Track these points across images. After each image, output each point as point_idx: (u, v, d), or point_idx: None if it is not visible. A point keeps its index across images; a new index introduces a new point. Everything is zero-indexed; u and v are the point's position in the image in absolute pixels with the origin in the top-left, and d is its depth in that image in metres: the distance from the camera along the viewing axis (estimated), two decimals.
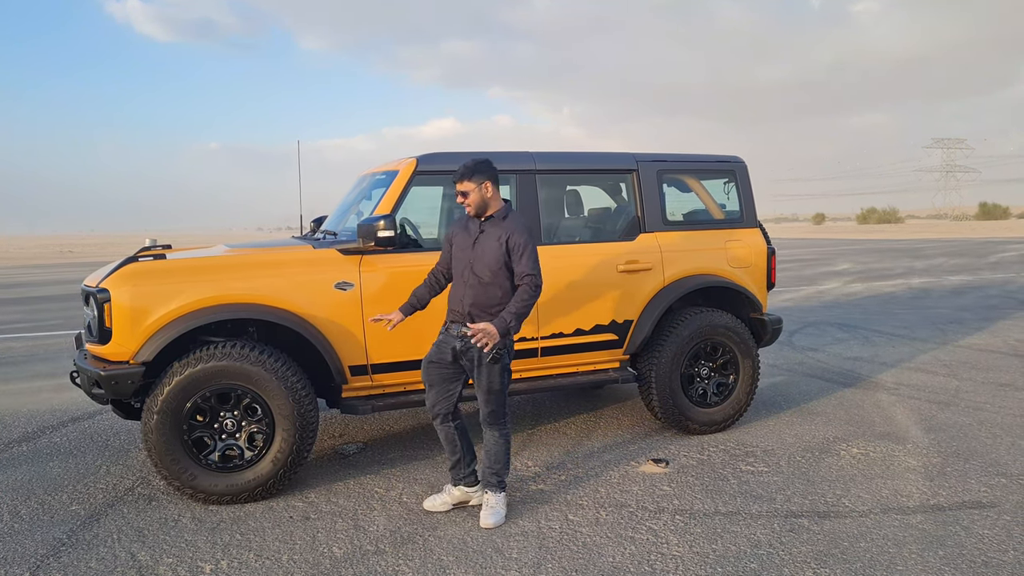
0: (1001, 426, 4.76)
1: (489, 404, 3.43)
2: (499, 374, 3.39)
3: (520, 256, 3.34)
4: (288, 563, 3.04)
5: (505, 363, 3.41)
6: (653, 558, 3.04)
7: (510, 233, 3.36)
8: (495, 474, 3.48)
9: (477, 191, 3.37)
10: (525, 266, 3.34)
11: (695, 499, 3.66)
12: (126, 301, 3.53)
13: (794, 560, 3.00)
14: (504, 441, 3.49)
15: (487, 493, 3.48)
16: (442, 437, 3.57)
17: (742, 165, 5.08)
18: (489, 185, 3.38)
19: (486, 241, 3.40)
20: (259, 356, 3.62)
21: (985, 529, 3.26)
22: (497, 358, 3.34)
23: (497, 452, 3.48)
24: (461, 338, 3.39)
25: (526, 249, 3.35)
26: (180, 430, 3.55)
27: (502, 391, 3.43)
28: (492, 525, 3.37)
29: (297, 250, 4.03)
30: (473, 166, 3.36)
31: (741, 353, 4.75)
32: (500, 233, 3.37)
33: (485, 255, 3.38)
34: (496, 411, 3.45)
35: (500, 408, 3.46)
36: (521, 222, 3.44)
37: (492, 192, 3.40)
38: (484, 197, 3.39)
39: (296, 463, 3.72)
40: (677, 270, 4.66)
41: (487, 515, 3.41)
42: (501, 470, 3.49)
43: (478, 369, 3.39)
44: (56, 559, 3.09)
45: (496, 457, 3.48)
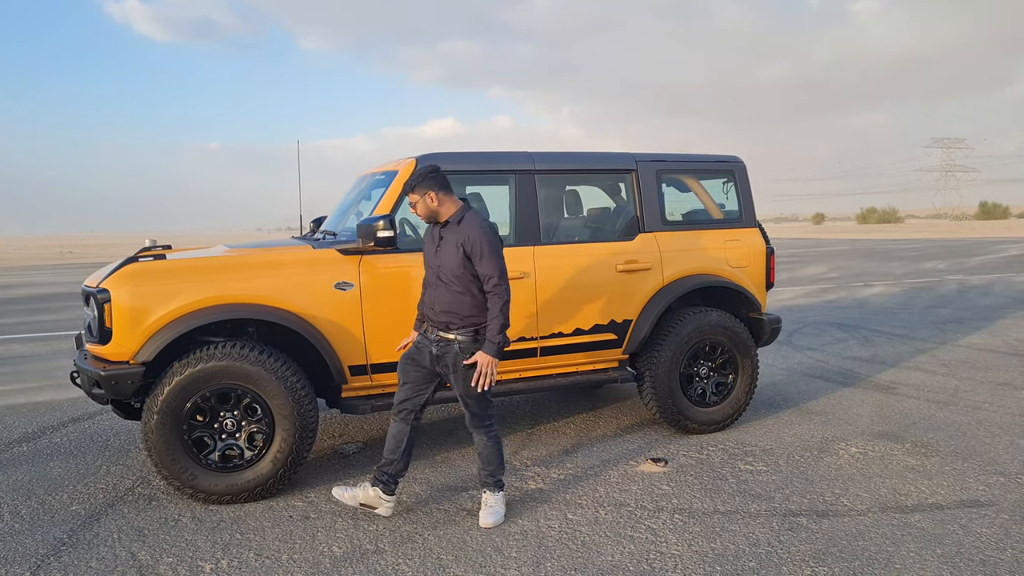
0: (1000, 425, 4.77)
1: (470, 408, 3.42)
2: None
3: (480, 258, 3.27)
4: (288, 562, 3.05)
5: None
6: (652, 557, 3.05)
7: (466, 236, 3.30)
8: (491, 475, 3.47)
9: (422, 202, 3.35)
10: (487, 269, 3.27)
11: (694, 498, 3.67)
12: (126, 301, 3.54)
13: (792, 559, 3.00)
14: (492, 443, 3.47)
15: (485, 493, 3.48)
16: (391, 433, 3.51)
17: (741, 165, 5.09)
18: (433, 194, 3.33)
19: (445, 248, 3.37)
20: (259, 356, 3.63)
21: (983, 528, 3.26)
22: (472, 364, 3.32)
23: (488, 454, 3.47)
24: (437, 343, 3.39)
25: (484, 250, 3.26)
26: (180, 430, 3.55)
27: (481, 394, 3.38)
28: (491, 524, 3.38)
29: (297, 250, 4.04)
30: (416, 177, 3.34)
31: (740, 353, 4.76)
32: (457, 238, 3.32)
33: (448, 262, 3.34)
34: (478, 414, 3.43)
35: (482, 411, 3.44)
36: (477, 223, 3.33)
37: (438, 200, 3.35)
38: (430, 207, 3.35)
39: (296, 463, 3.73)
40: (676, 270, 4.67)
41: (486, 515, 3.42)
42: (496, 470, 3.48)
43: (454, 375, 3.38)
44: (57, 558, 3.10)
45: (488, 459, 3.47)
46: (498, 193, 4.64)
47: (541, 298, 4.31)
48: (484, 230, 3.31)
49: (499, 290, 3.29)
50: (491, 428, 3.48)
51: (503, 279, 3.31)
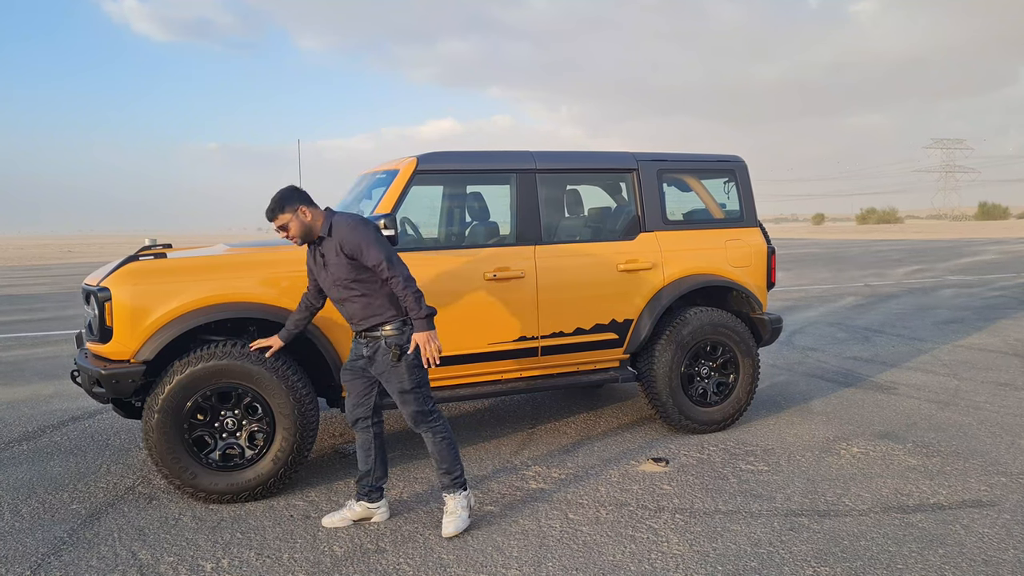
0: (1001, 425, 4.77)
1: (407, 405, 3.27)
2: (407, 372, 3.22)
3: (361, 253, 3.15)
4: (289, 561, 3.04)
5: (411, 360, 3.22)
6: (653, 557, 3.04)
7: (339, 241, 3.18)
8: (446, 474, 3.31)
9: (296, 220, 3.22)
10: (372, 259, 3.13)
11: (695, 498, 3.66)
12: (127, 300, 3.53)
13: (794, 559, 3.00)
14: (441, 438, 3.30)
15: (445, 496, 3.33)
16: (358, 444, 3.46)
17: (742, 164, 5.09)
18: (304, 208, 3.22)
19: (329, 261, 3.25)
20: (259, 355, 3.62)
21: (985, 528, 3.26)
22: (398, 355, 3.20)
23: (440, 452, 3.30)
24: (367, 344, 3.29)
25: (361, 244, 3.15)
26: (181, 429, 3.55)
27: (415, 389, 3.25)
28: (453, 533, 3.22)
29: (297, 249, 4.02)
30: (278, 200, 3.22)
31: (741, 352, 4.75)
32: (334, 246, 3.21)
33: (338, 272, 3.23)
34: (418, 411, 3.27)
35: (421, 406, 3.27)
36: (342, 223, 3.20)
37: (311, 214, 3.24)
38: (304, 222, 3.23)
39: (297, 462, 3.72)
40: (677, 269, 4.67)
41: (447, 523, 3.26)
42: (451, 468, 3.31)
43: (385, 374, 3.26)
44: (57, 557, 3.09)
45: (441, 457, 3.30)
46: (499, 192, 4.64)
47: (542, 298, 4.31)
48: (350, 226, 3.18)
49: (394, 276, 3.13)
50: (435, 423, 3.30)
51: (392, 262, 3.14)
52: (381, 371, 3.27)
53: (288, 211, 3.21)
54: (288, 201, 3.22)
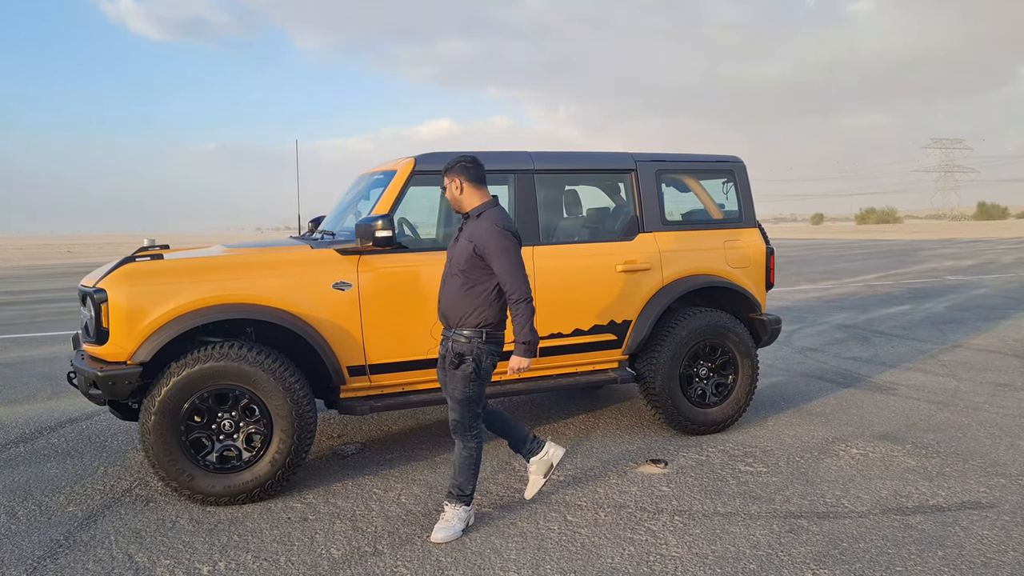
0: (1000, 426, 4.76)
1: (452, 412, 3.30)
2: (460, 382, 3.22)
3: (489, 256, 3.15)
4: (286, 564, 3.03)
5: (467, 372, 3.20)
6: (652, 559, 3.03)
7: (478, 233, 3.19)
8: (458, 487, 3.30)
9: (449, 187, 3.32)
10: (500, 274, 3.15)
11: (694, 500, 3.65)
12: (123, 301, 3.52)
13: (793, 561, 2.99)
14: (468, 454, 3.30)
15: (446, 503, 3.32)
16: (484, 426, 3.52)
17: (741, 165, 5.08)
18: (459, 182, 3.27)
19: (460, 240, 3.29)
20: (257, 356, 3.61)
21: (984, 530, 3.25)
22: (456, 364, 3.21)
23: (460, 464, 3.31)
24: (443, 340, 3.34)
25: (492, 251, 3.14)
26: (178, 431, 3.54)
27: (465, 401, 3.24)
28: (440, 540, 3.20)
29: (295, 250, 4.02)
30: (451, 162, 3.32)
31: (740, 353, 4.74)
32: (471, 232, 3.23)
33: (459, 254, 3.26)
34: (461, 422, 3.28)
35: (465, 419, 3.28)
36: (491, 220, 3.19)
37: (465, 190, 3.28)
38: (454, 194, 3.31)
39: (294, 464, 3.71)
40: (676, 270, 4.65)
41: (438, 528, 3.25)
42: (463, 483, 3.30)
43: (448, 374, 3.27)
44: (53, 560, 3.08)
45: (459, 469, 3.31)
46: (497, 193, 4.61)
47: (540, 298, 4.28)
48: (494, 229, 3.16)
49: (518, 308, 3.16)
50: (472, 440, 3.30)
51: (515, 277, 3.13)
52: (443, 368, 3.31)
53: (448, 176, 3.32)
54: (452, 169, 3.31)
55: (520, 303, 3.17)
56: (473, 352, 3.20)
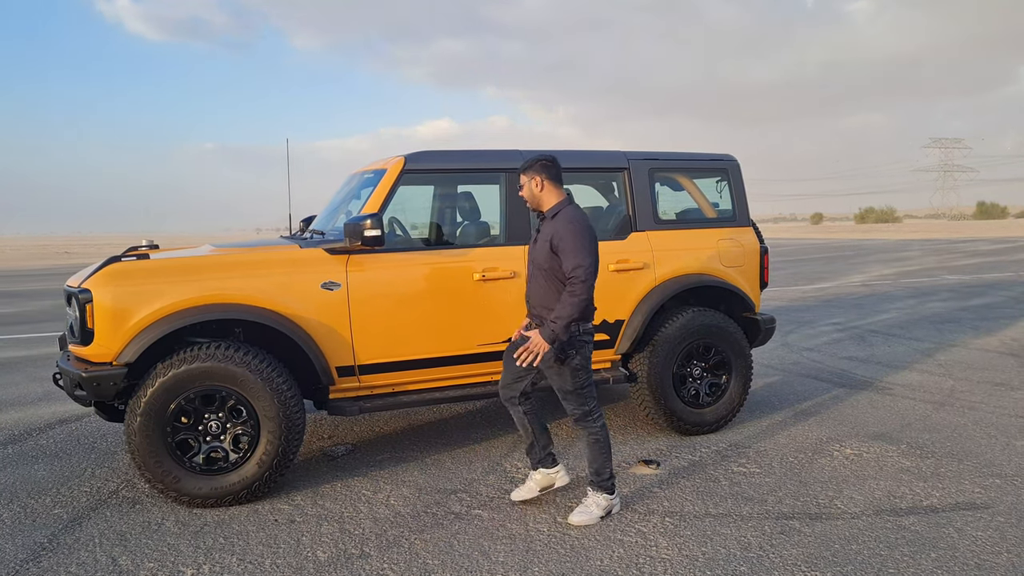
0: (996, 426, 4.73)
1: (568, 403, 3.42)
2: (569, 375, 3.34)
3: (563, 251, 3.21)
4: (271, 567, 2.99)
5: (574, 364, 3.32)
6: (642, 561, 3.00)
7: (555, 230, 3.28)
8: (596, 474, 3.42)
9: (528, 185, 3.41)
10: (568, 260, 3.20)
11: (686, 501, 3.62)
12: (108, 302, 3.48)
13: (784, 563, 2.95)
14: (595, 440, 3.41)
15: (589, 490, 3.44)
16: (515, 420, 3.63)
17: (735, 164, 5.04)
18: (539, 180, 3.37)
19: (540, 240, 3.39)
20: (244, 357, 3.57)
21: (979, 531, 3.21)
22: (562, 359, 3.30)
23: (591, 453, 3.43)
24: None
25: (569, 242, 3.20)
26: (164, 432, 3.50)
27: (577, 391, 3.37)
28: (576, 523, 3.33)
29: (283, 250, 3.98)
30: (531, 160, 3.41)
31: (734, 353, 4.70)
32: (549, 231, 3.32)
33: (539, 254, 3.38)
34: (576, 410, 3.40)
35: (580, 406, 3.39)
36: (569, 217, 3.28)
37: (545, 187, 3.37)
38: (534, 191, 3.40)
39: (282, 465, 3.67)
40: (669, 269, 4.62)
41: (578, 511, 3.40)
42: (600, 468, 3.41)
43: (548, 371, 3.37)
44: (36, 563, 3.04)
45: (591, 457, 3.44)
46: (488, 192, 4.59)
47: None
48: (570, 223, 3.26)
49: (578, 280, 3.17)
50: (593, 424, 3.40)
51: (585, 270, 3.18)
52: (545, 366, 3.34)
53: (528, 174, 3.40)
54: (532, 167, 3.39)
55: (580, 285, 3.17)
56: (575, 344, 3.31)
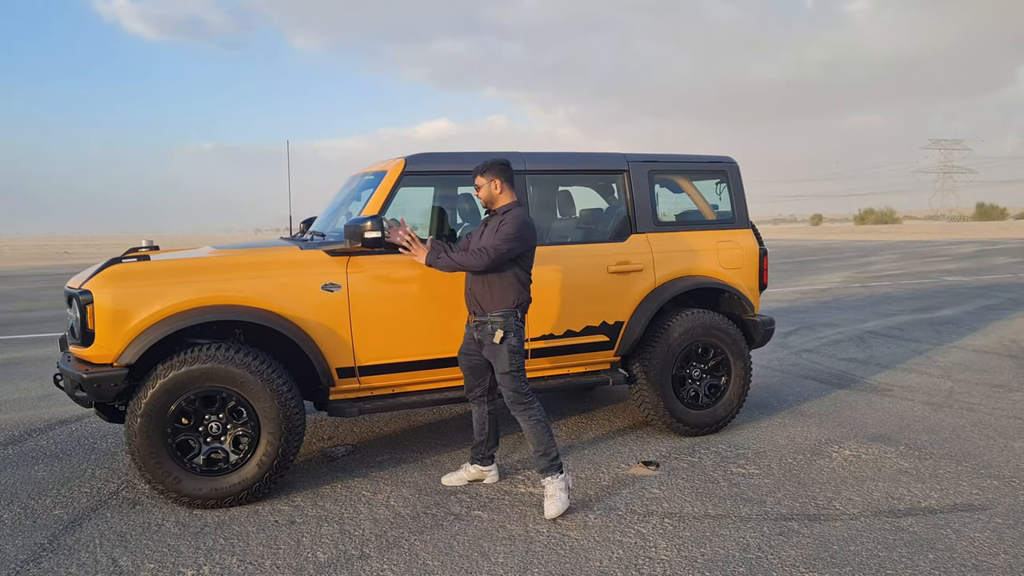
0: (994, 428, 4.74)
1: (505, 386, 3.59)
2: (507, 356, 3.54)
3: (495, 234, 3.50)
4: (271, 568, 3.00)
5: (511, 344, 3.54)
6: (641, 562, 3.01)
7: (500, 222, 3.54)
8: (543, 456, 3.53)
9: (487, 186, 3.64)
10: (490, 240, 3.50)
11: (685, 502, 3.62)
12: (109, 303, 3.49)
13: (783, 564, 2.96)
14: (535, 422, 3.56)
15: (544, 480, 3.55)
16: (474, 417, 3.89)
17: (734, 166, 5.05)
18: (499, 183, 3.64)
19: (486, 233, 3.61)
20: (244, 358, 3.58)
21: (976, 532, 3.23)
22: (503, 338, 3.53)
23: (535, 435, 3.56)
24: (477, 327, 3.65)
25: (502, 232, 3.49)
26: (164, 433, 3.51)
27: (515, 372, 3.56)
28: (556, 514, 3.42)
29: (284, 251, 3.99)
30: (489, 163, 3.65)
31: (733, 354, 4.71)
32: (495, 223, 3.57)
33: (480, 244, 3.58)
34: (515, 392, 3.57)
35: (518, 389, 3.57)
36: (515, 214, 3.55)
37: (502, 189, 3.65)
38: (492, 192, 3.64)
39: (282, 466, 3.68)
40: (668, 271, 4.63)
41: (548, 505, 3.47)
42: (548, 449, 3.54)
43: (489, 352, 3.60)
44: (36, 564, 3.05)
45: (537, 440, 3.55)
46: None
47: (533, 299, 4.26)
48: (514, 219, 3.53)
49: (477, 254, 3.49)
50: (530, 407, 3.58)
51: (492, 255, 3.46)
52: (490, 353, 3.60)
53: (487, 176, 3.64)
54: (490, 169, 3.64)
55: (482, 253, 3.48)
56: (512, 328, 3.56)
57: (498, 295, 3.57)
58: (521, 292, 3.61)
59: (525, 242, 3.55)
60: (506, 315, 3.55)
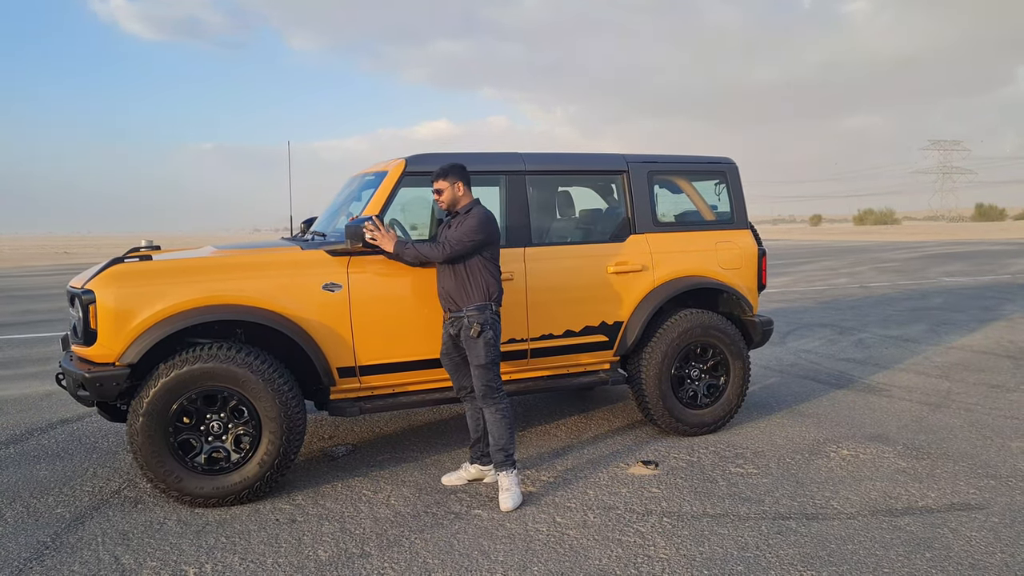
0: (992, 428, 4.76)
1: (480, 379, 3.65)
2: (483, 349, 3.61)
3: (459, 229, 3.61)
4: (272, 566, 3.02)
5: (488, 337, 3.62)
6: (640, 561, 3.03)
7: (463, 220, 3.65)
8: (500, 450, 3.66)
9: (450, 189, 3.71)
10: (453, 234, 3.61)
11: (683, 501, 3.65)
12: (111, 303, 3.51)
13: (781, 563, 2.99)
14: (501, 416, 3.67)
15: (499, 474, 3.67)
16: (468, 415, 3.93)
17: (733, 166, 5.08)
18: (461, 185, 3.73)
19: (450, 232, 3.68)
20: (245, 358, 3.60)
21: (973, 531, 3.25)
22: (480, 332, 3.60)
23: (498, 429, 3.66)
24: (452, 322, 3.72)
25: (464, 227, 3.60)
26: (166, 432, 3.53)
27: (490, 364, 3.64)
28: (511, 507, 3.54)
29: (285, 251, 4.01)
30: (448, 167, 3.72)
31: (731, 355, 4.74)
32: (458, 222, 3.68)
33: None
34: (488, 385, 3.65)
35: (492, 382, 3.66)
36: (478, 212, 3.67)
37: (463, 191, 3.74)
38: (456, 195, 3.73)
39: (283, 465, 3.70)
40: (667, 271, 4.65)
41: (504, 499, 3.58)
42: (506, 445, 3.66)
43: (466, 346, 3.66)
44: (39, 562, 3.07)
45: (498, 434, 3.67)
46: (489, 194, 4.62)
47: (531, 300, 4.29)
48: (476, 217, 3.64)
49: (438, 245, 3.64)
50: (500, 401, 3.68)
51: (448, 250, 3.61)
52: (467, 346, 3.66)
53: (449, 179, 3.71)
54: (452, 172, 3.72)
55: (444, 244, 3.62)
56: (488, 321, 3.63)
57: (472, 289, 3.66)
58: (493, 284, 3.69)
59: (488, 235, 3.65)
60: (482, 308, 3.63)
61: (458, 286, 3.68)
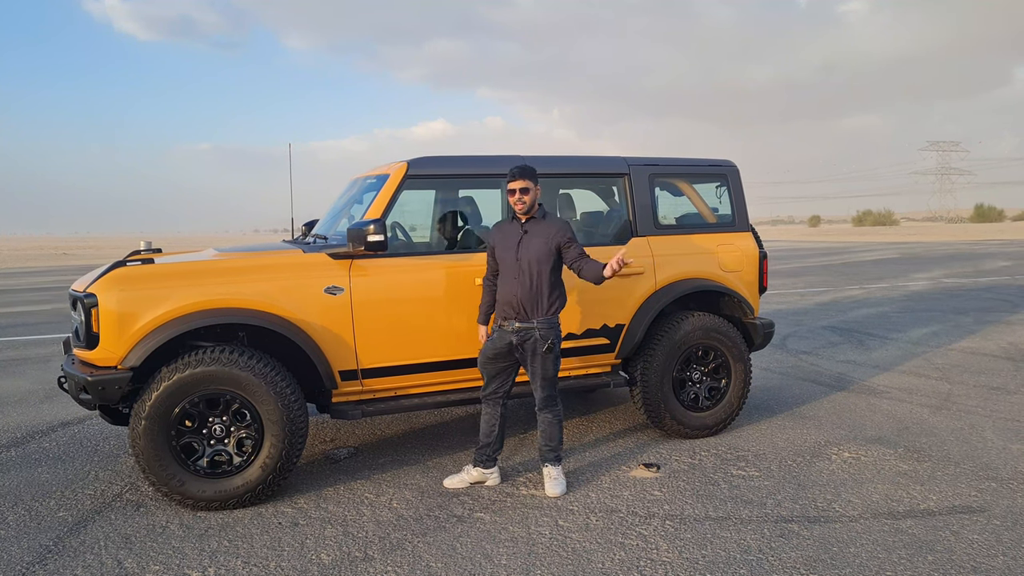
0: (992, 430, 4.77)
1: (544, 390, 3.80)
2: (552, 362, 3.76)
3: (569, 247, 3.76)
4: (276, 570, 3.02)
5: (557, 352, 3.77)
6: (643, 564, 3.03)
7: (555, 231, 3.76)
8: (552, 450, 3.86)
9: (535, 190, 3.78)
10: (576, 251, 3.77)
11: (686, 504, 3.65)
12: (113, 306, 3.51)
13: (783, 566, 2.99)
14: (557, 421, 3.87)
15: (547, 467, 3.87)
16: (485, 419, 3.93)
17: (734, 169, 5.08)
18: (539, 190, 3.84)
19: (533, 241, 3.76)
20: (247, 361, 3.60)
21: (975, 534, 3.25)
22: (551, 347, 3.71)
23: (552, 432, 3.86)
24: (518, 332, 3.74)
25: (572, 238, 3.78)
26: (168, 436, 3.53)
27: (553, 378, 3.81)
28: (558, 493, 3.76)
29: (286, 254, 4.02)
30: (528, 168, 3.78)
31: (733, 357, 4.74)
32: (546, 232, 3.76)
33: (536, 254, 3.74)
34: (550, 395, 3.82)
35: (553, 393, 3.84)
36: (558, 220, 3.84)
37: (539, 195, 3.86)
38: (536, 198, 3.81)
39: (285, 469, 3.70)
40: (669, 274, 4.66)
41: (552, 486, 3.79)
42: (557, 446, 3.87)
43: (532, 358, 3.75)
44: (42, 566, 3.07)
45: (551, 435, 3.86)
46: (490, 197, 4.63)
47: None
48: (563, 221, 3.84)
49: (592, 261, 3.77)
50: (556, 407, 3.86)
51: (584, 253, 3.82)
52: (532, 355, 3.74)
53: (534, 180, 3.78)
54: (533, 174, 3.78)
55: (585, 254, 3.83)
56: (557, 337, 3.78)
57: (546, 300, 3.74)
58: (564, 295, 3.88)
59: None
60: (552, 324, 3.75)
61: (533, 296, 3.72)
